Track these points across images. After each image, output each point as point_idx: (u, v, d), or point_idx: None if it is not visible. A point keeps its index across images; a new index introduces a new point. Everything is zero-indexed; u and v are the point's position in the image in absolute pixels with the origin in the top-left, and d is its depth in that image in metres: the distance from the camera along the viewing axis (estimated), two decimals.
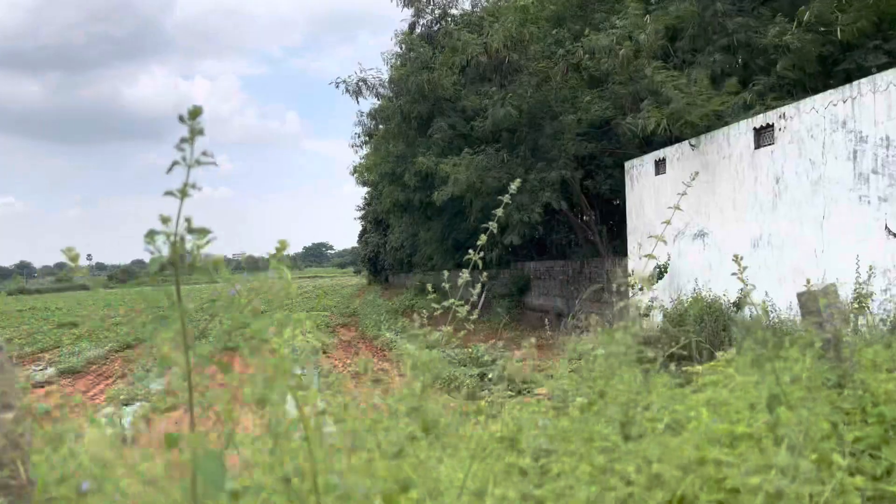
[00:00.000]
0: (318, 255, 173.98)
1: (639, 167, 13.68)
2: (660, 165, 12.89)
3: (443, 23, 19.01)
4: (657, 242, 2.78)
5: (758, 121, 9.90)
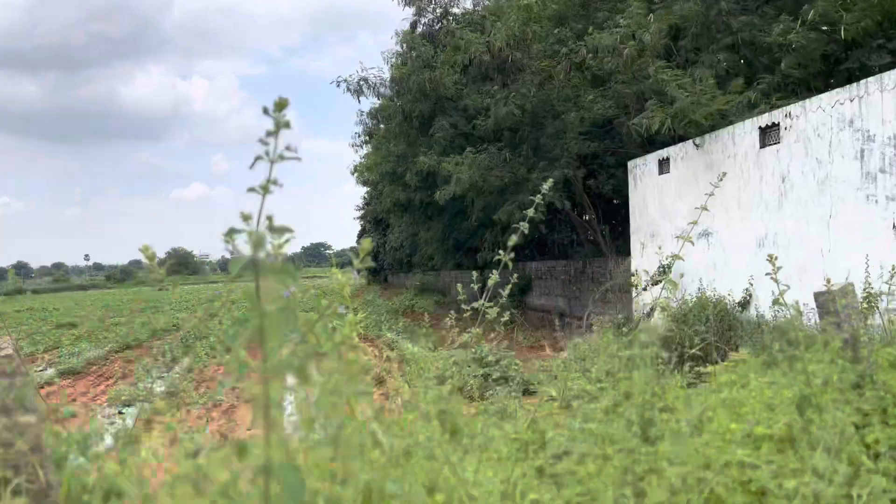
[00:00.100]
0: (317, 255, 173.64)
1: (642, 166, 13.65)
2: (663, 165, 12.85)
3: (444, 21, 18.97)
4: (683, 243, 2.75)
5: (763, 120, 9.87)
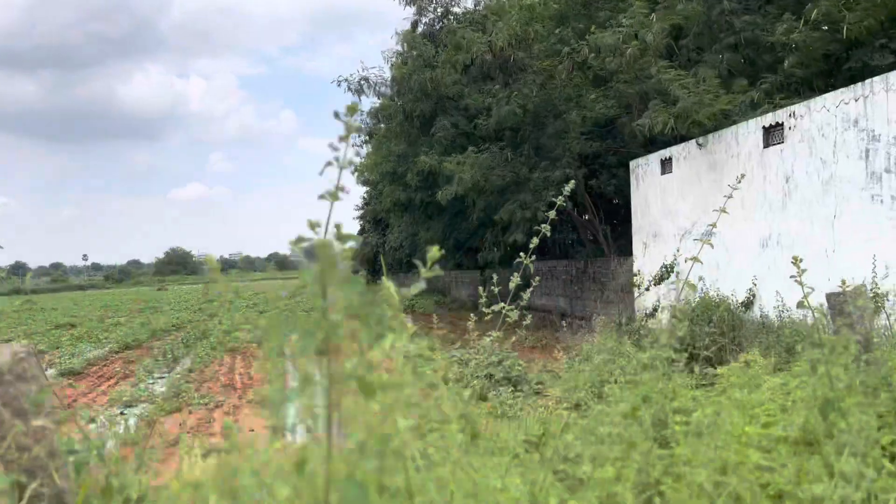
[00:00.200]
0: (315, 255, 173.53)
1: (644, 166, 13.62)
2: (666, 165, 12.83)
3: (445, 21, 18.93)
4: (702, 245, 2.71)
5: (767, 119, 9.85)
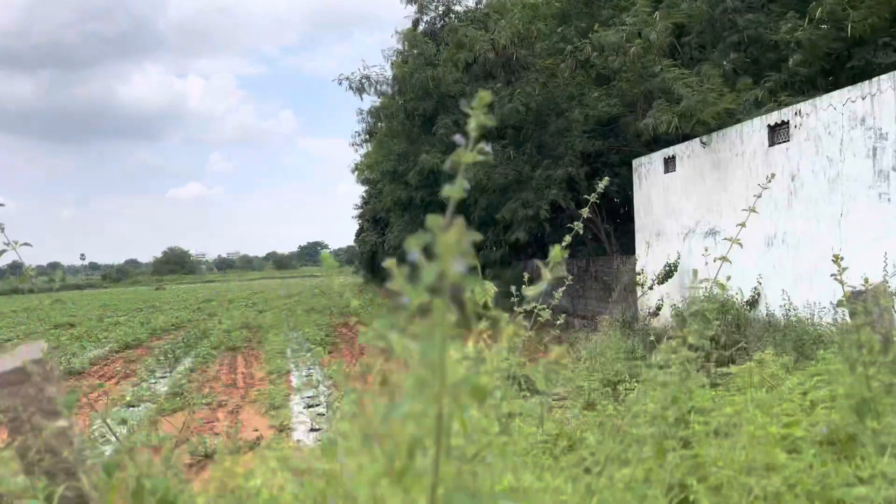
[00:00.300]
0: (314, 255, 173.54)
1: (647, 165, 13.60)
2: (669, 163, 12.80)
3: (447, 19, 18.88)
4: (731, 245, 2.67)
5: (772, 118, 9.82)
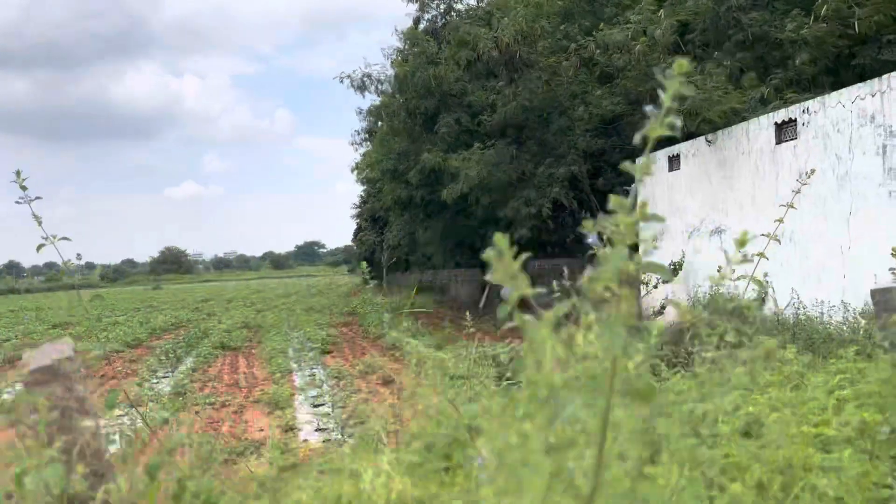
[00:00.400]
0: (311, 254, 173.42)
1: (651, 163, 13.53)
2: (673, 162, 12.76)
3: (448, 17, 18.81)
4: (769, 241, 2.61)
5: (779, 115, 9.78)
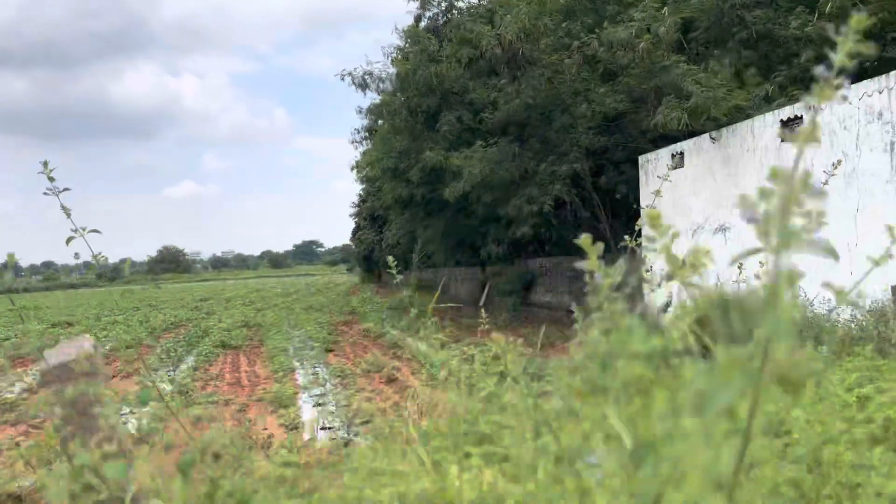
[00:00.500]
0: (309, 254, 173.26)
1: (654, 161, 13.49)
2: (677, 159, 12.70)
3: (450, 15, 18.74)
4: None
5: (785, 112, 9.73)
